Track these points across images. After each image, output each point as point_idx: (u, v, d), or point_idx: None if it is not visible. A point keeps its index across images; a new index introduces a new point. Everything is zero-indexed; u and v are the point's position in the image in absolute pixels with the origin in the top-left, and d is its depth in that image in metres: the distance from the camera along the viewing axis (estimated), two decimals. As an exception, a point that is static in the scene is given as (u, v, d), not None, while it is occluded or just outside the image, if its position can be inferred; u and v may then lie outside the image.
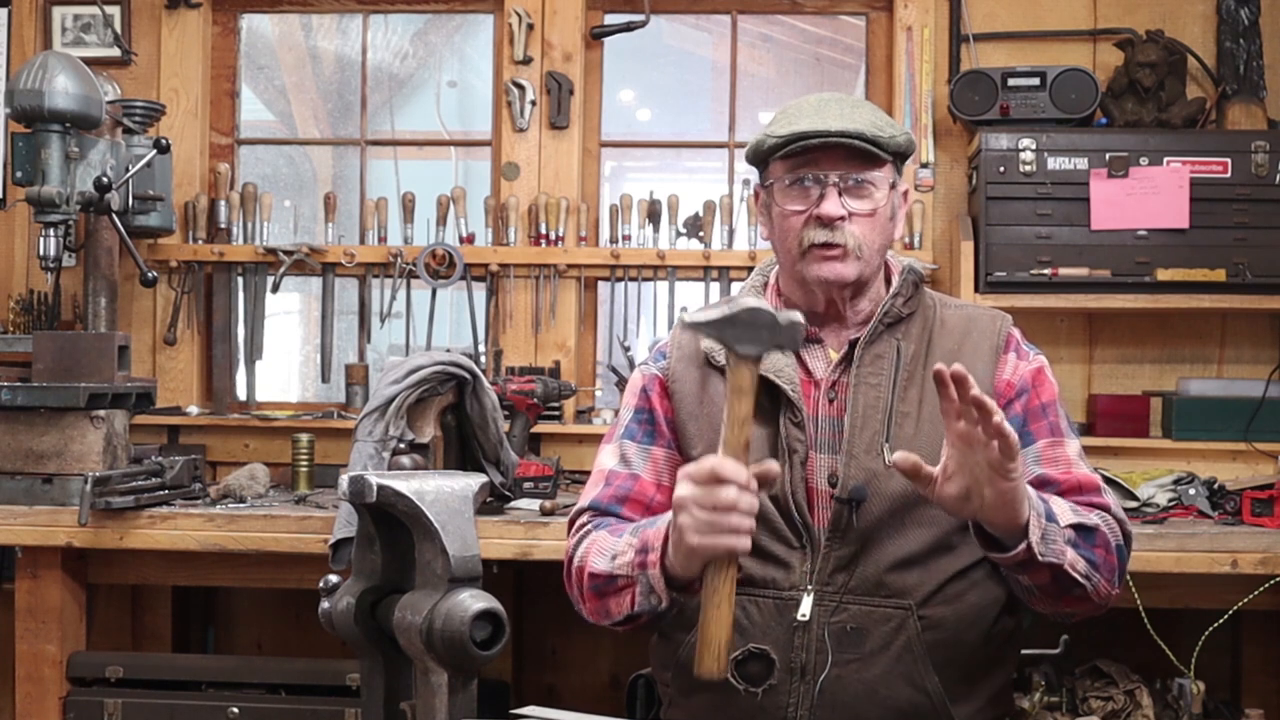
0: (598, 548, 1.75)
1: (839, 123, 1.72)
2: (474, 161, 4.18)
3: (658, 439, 1.86)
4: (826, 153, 1.74)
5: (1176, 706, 2.90)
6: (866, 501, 1.70)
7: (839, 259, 1.75)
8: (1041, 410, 1.80)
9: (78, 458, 2.71)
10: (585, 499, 1.87)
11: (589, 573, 1.74)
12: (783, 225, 1.79)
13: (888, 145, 1.74)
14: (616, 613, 1.73)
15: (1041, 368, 1.84)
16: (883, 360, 1.78)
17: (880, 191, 1.76)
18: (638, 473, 1.85)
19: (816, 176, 1.75)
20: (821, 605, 1.69)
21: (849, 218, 1.74)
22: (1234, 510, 2.78)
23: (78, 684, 2.78)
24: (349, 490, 1.27)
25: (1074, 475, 1.77)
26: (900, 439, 1.72)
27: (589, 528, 1.82)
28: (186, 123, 3.54)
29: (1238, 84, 3.26)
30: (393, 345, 3.84)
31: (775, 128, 1.77)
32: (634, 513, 1.82)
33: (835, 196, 1.74)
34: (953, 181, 3.40)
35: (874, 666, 1.68)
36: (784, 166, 1.77)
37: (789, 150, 1.74)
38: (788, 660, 1.69)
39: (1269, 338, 3.32)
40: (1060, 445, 1.79)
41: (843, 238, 1.74)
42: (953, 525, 1.74)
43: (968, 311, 1.88)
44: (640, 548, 1.66)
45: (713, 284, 3.42)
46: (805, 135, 1.72)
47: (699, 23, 4.21)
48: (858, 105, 1.78)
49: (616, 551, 1.71)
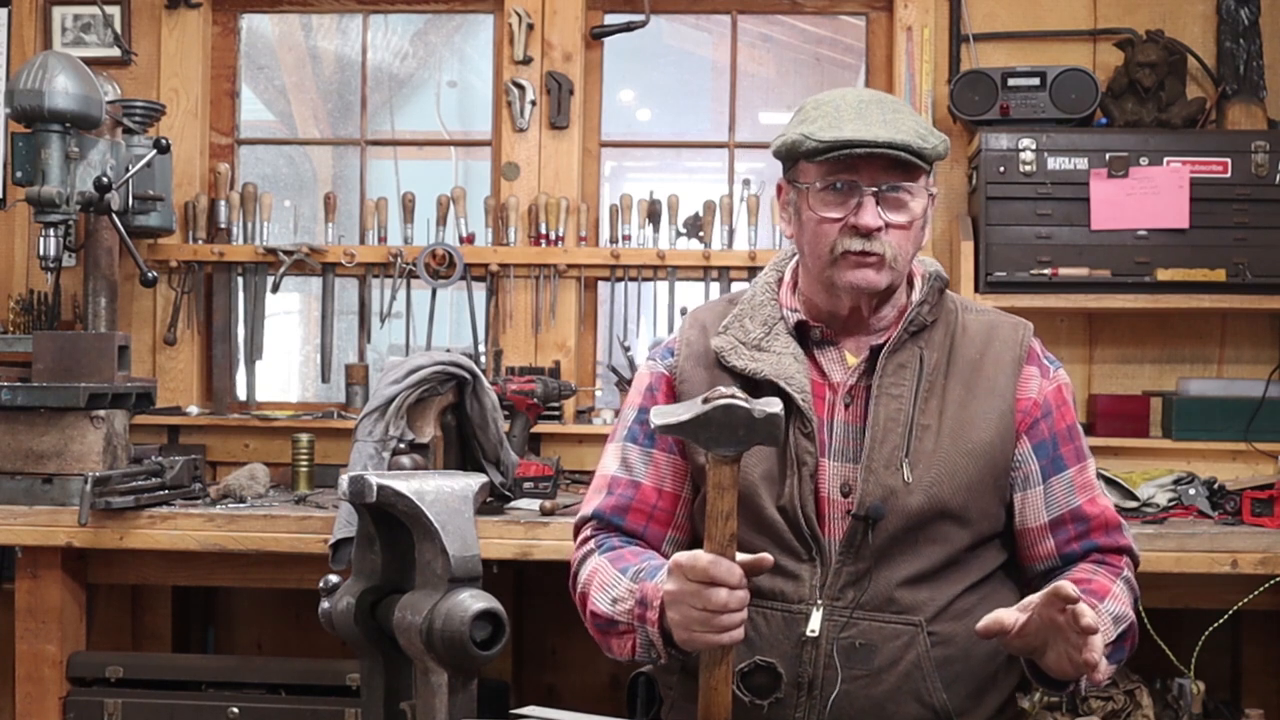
0: (599, 581, 1.72)
1: (885, 132, 1.65)
2: (474, 161, 4.18)
3: (659, 441, 1.83)
4: (867, 161, 1.67)
5: (1176, 706, 2.90)
6: (881, 521, 1.67)
7: (874, 267, 1.70)
8: (1069, 434, 1.80)
9: (78, 458, 2.71)
10: (589, 506, 1.85)
11: (591, 610, 1.73)
12: (815, 230, 1.72)
13: (929, 155, 1.68)
14: (620, 654, 1.71)
15: (1062, 386, 1.82)
16: (905, 370, 1.74)
17: (918, 202, 1.71)
18: (639, 479, 1.82)
19: (855, 184, 1.68)
20: (831, 620, 1.67)
21: (885, 229, 1.69)
22: (1234, 510, 2.78)
23: (78, 684, 2.78)
24: (349, 490, 1.27)
25: (1102, 511, 1.80)
26: (920, 453, 1.70)
27: (591, 546, 1.80)
28: (186, 123, 3.54)
29: (1238, 84, 3.26)
30: (393, 345, 3.84)
31: (814, 129, 1.68)
32: (636, 523, 1.81)
33: (873, 206, 1.68)
34: (953, 181, 3.40)
35: (882, 683, 1.66)
36: (819, 170, 1.70)
37: (829, 156, 1.67)
38: (795, 674, 1.67)
39: (1269, 338, 3.32)
40: (1086, 470, 1.81)
41: (880, 247, 1.69)
42: (965, 543, 1.73)
43: (989, 318, 1.84)
44: (640, 599, 1.64)
45: (713, 284, 3.42)
46: (850, 144, 1.65)
47: (699, 23, 4.21)
48: (899, 110, 1.71)
49: (617, 596, 1.68)
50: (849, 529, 1.68)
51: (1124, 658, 1.73)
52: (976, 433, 1.73)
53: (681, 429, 1.48)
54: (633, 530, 1.81)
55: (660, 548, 1.81)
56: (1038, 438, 1.78)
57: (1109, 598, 1.69)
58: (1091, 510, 1.78)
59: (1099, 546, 1.78)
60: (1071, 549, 1.78)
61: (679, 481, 1.83)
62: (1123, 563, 1.78)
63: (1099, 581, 1.71)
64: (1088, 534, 1.78)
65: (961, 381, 1.76)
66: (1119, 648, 1.69)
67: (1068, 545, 1.78)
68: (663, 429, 1.50)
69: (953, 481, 1.70)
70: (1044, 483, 1.78)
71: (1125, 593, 1.73)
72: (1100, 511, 1.79)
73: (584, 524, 1.85)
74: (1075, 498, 1.78)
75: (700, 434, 1.46)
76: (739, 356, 1.77)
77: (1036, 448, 1.78)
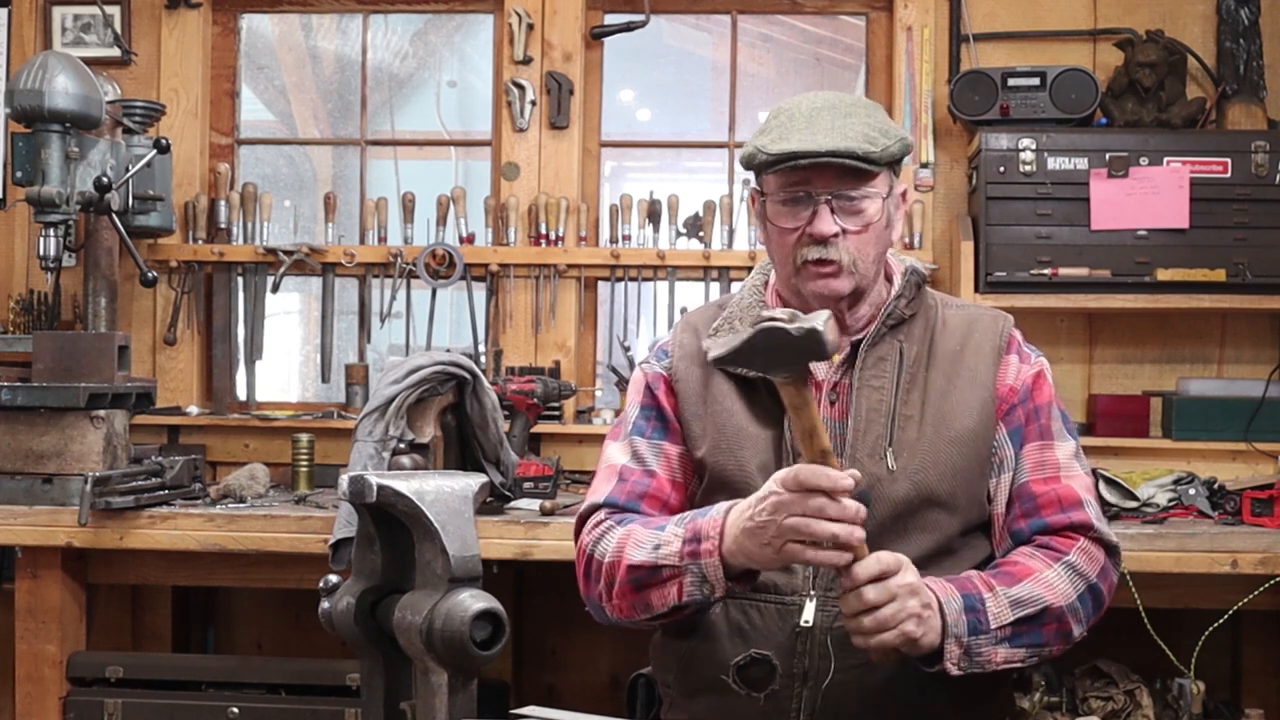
0: (634, 540, 1.71)
1: (829, 140, 1.68)
2: (474, 161, 4.19)
3: (669, 435, 1.84)
4: (818, 170, 1.70)
5: (1176, 706, 2.90)
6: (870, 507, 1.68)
7: (833, 275, 1.73)
8: (1035, 413, 1.79)
9: (78, 458, 2.71)
10: (598, 495, 1.83)
11: (627, 564, 1.70)
12: (778, 240, 1.77)
13: (880, 159, 1.70)
14: (659, 605, 1.68)
15: (1041, 371, 1.83)
16: (885, 362, 1.77)
17: (874, 204, 1.73)
18: (653, 469, 1.83)
19: (808, 194, 1.72)
20: (824, 611, 1.68)
21: (842, 234, 1.71)
22: (1234, 510, 2.78)
23: (78, 684, 2.78)
24: (349, 490, 1.27)
25: (1056, 488, 1.75)
26: (904, 442, 1.72)
27: (610, 523, 1.78)
28: (186, 123, 3.54)
29: (1238, 84, 3.26)
30: (393, 345, 3.84)
31: (766, 141, 1.72)
32: (653, 509, 1.80)
33: (827, 214, 1.71)
34: (953, 181, 3.40)
35: (877, 673, 1.66)
36: (776, 181, 1.74)
37: (778, 169, 1.71)
38: (790, 666, 1.68)
39: (1269, 338, 3.32)
40: (1049, 449, 1.78)
41: (837, 254, 1.72)
42: (955, 530, 1.74)
43: (969, 312, 1.87)
44: (690, 537, 1.63)
45: (713, 284, 3.42)
46: (794, 155, 1.68)
47: (699, 23, 4.21)
48: (850, 113, 1.72)
49: (660, 542, 1.67)
50: None
51: (1042, 644, 1.67)
52: (959, 420, 1.74)
53: (734, 358, 1.47)
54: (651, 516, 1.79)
55: None
56: (1013, 424, 1.78)
57: (1026, 580, 1.65)
58: (1040, 488, 1.75)
59: (1048, 526, 1.73)
60: (1018, 527, 1.75)
61: (687, 475, 1.84)
62: (1073, 544, 1.72)
63: (1023, 565, 1.68)
64: (1035, 511, 1.74)
65: (942, 372, 1.77)
66: (1028, 632, 1.65)
67: (1015, 524, 1.75)
68: (717, 361, 1.50)
69: (938, 469, 1.71)
70: (1012, 467, 1.77)
71: (1061, 578, 1.68)
72: (1053, 489, 1.74)
73: (592, 512, 1.83)
74: (1025, 475, 1.76)
75: (753, 361, 1.47)
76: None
77: (1011, 434, 1.78)
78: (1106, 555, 1.74)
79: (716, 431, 1.78)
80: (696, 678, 1.75)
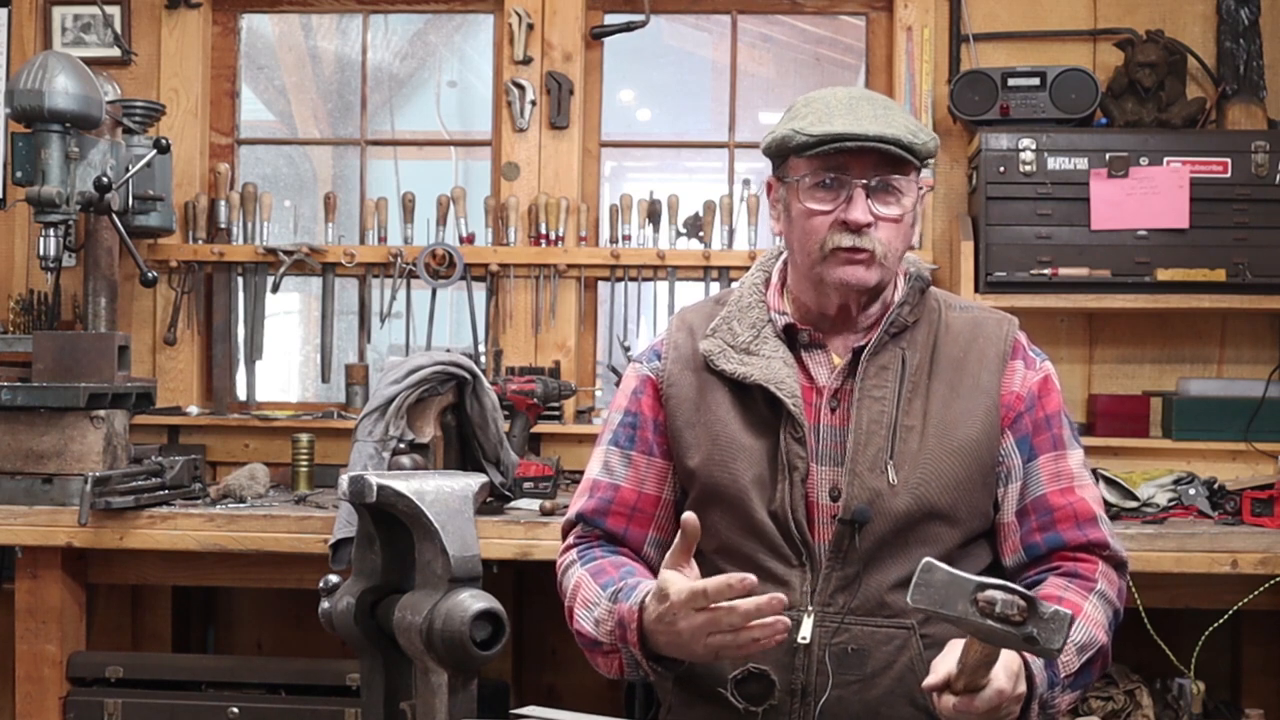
0: (583, 598, 1.73)
1: (875, 126, 1.65)
2: (474, 161, 4.19)
3: (638, 444, 1.83)
4: (858, 156, 1.66)
5: (1176, 706, 2.90)
6: (869, 523, 1.66)
7: (864, 264, 1.69)
8: (1046, 422, 1.77)
9: (78, 458, 2.71)
10: (575, 507, 1.86)
11: (576, 629, 1.73)
12: (804, 225, 1.71)
13: (920, 151, 1.67)
14: (608, 671, 1.72)
15: (1048, 376, 1.80)
16: (887, 372, 1.73)
17: (908, 197, 1.70)
18: (618, 482, 1.83)
19: (844, 179, 1.68)
20: (823, 626, 1.66)
21: (876, 223, 1.68)
22: (1234, 510, 2.78)
23: (78, 684, 2.78)
24: (349, 490, 1.27)
25: (1072, 500, 1.74)
26: (905, 454, 1.69)
27: (573, 556, 1.81)
28: (186, 123, 3.54)
29: (1238, 84, 3.26)
30: (393, 345, 3.85)
31: (804, 124, 1.68)
32: (617, 525, 1.82)
33: (863, 201, 1.67)
34: (953, 181, 3.40)
35: (876, 687, 1.65)
36: (809, 165, 1.69)
37: (820, 150, 1.67)
38: (788, 681, 1.66)
39: (1269, 338, 3.32)
40: (1063, 459, 1.76)
41: (870, 243, 1.68)
42: (955, 542, 1.71)
43: (973, 314, 1.83)
44: (617, 621, 1.64)
45: (713, 284, 3.42)
46: (840, 137, 1.64)
47: (699, 23, 4.21)
48: (889, 106, 1.70)
49: (599, 617, 1.69)
50: (836, 534, 1.68)
51: (1090, 681, 1.68)
52: (962, 430, 1.71)
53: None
54: (614, 531, 1.82)
55: (642, 548, 1.82)
56: (1020, 431, 1.75)
57: (1079, 622, 1.64)
58: (1058, 501, 1.73)
59: (1065, 543, 1.72)
60: (1034, 541, 1.73)
61: (660, 483, 1.83)
62: (1096, 568, 1.71)
63: (1070, 602, 1.65)
64: (1052, 525, 1.72)
65: (945, 380, 1.74)
66: (1084, 673, 1.65)
67: (1030, 537, 1.73)
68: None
69: (939, 481, 1.69)
70: (1023, 476, 1.75)
71: (1098, 610, 1.67)
72: (1069, 503, 1.73)
73: (570, 527, 1.87)
74: (1041, 486, 1.74)
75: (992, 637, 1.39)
76: (728, 360, 1.76)
77: (1019, 442, 1.75)
78: (1119, 574, 1.74)
79: (710, 442, 1.75)
80: (694, 690, 1.73)
